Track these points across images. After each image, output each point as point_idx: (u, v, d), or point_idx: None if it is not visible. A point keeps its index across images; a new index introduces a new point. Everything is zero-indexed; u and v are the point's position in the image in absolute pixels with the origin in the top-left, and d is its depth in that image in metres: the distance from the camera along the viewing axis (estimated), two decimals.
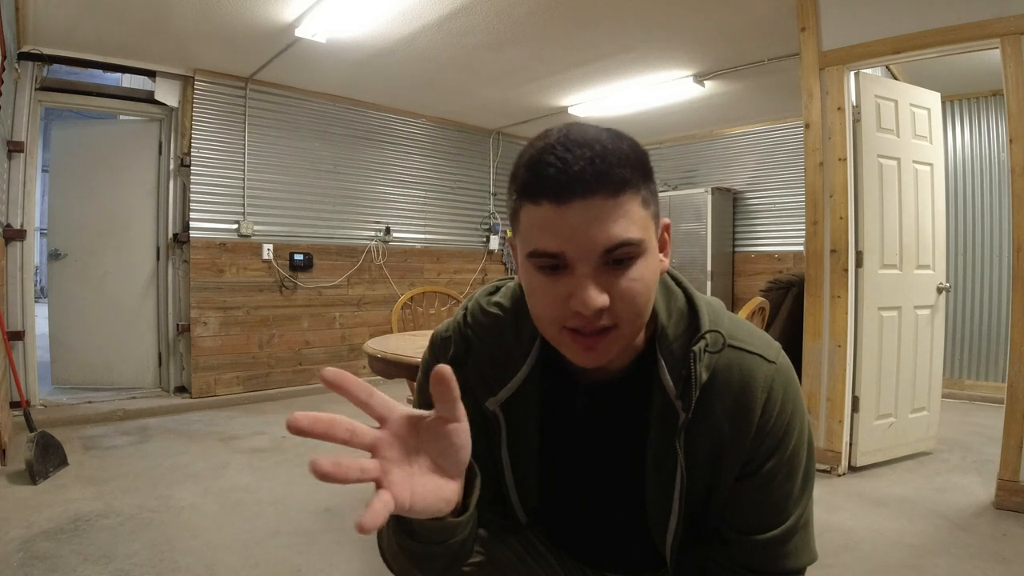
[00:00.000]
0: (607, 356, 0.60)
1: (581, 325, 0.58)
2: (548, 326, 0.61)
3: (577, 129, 0.57)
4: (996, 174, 4.11)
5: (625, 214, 0.55)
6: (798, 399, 0.68)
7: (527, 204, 0.57)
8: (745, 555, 0.67)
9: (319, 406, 4.10)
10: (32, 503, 2.24)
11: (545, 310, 0.59)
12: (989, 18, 2.30)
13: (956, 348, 4.23)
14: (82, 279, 3.96)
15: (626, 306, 0.57)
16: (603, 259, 0.56)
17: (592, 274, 0.56)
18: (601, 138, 0.56)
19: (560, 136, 0.57)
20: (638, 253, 0.57)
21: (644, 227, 0.57)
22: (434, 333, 0.78)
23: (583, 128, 0.57)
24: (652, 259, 0.59)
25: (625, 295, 0.57)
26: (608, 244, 0.55)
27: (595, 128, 0.58)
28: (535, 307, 0.61)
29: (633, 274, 0.57)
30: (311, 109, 4.49)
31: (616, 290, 0.57)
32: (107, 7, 3.01)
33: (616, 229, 0.55)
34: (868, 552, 1.96)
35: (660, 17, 3.11)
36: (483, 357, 0.72)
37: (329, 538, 2.05)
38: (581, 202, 0.54)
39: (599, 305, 0.55)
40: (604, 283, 0.56)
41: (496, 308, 0.73)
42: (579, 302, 0.56)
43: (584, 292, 0.55)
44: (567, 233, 0.55)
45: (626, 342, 0.61)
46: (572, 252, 0.56)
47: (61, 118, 5.97)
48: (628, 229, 0.56)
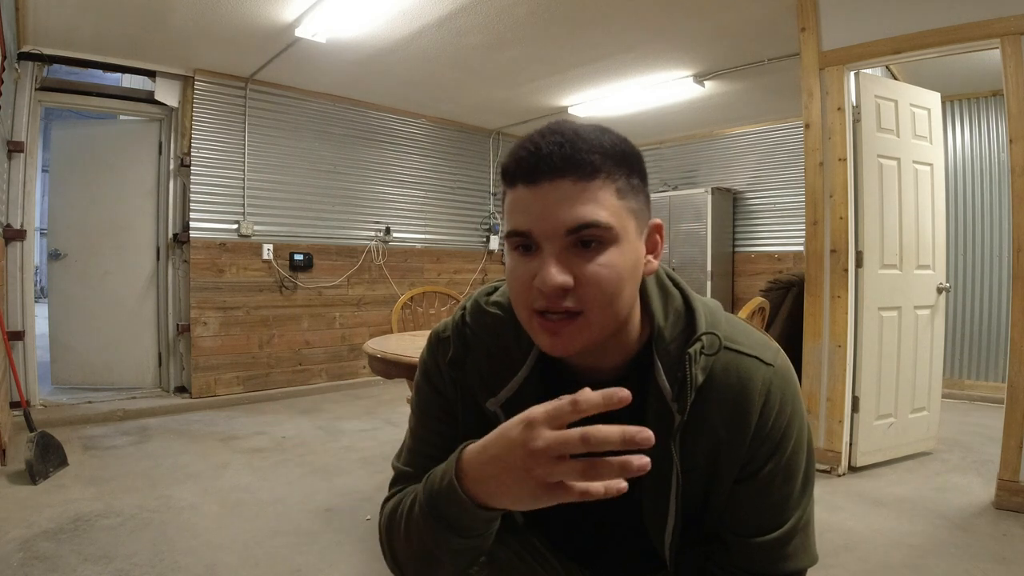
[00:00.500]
0: (573, 344, 0.60)
1: (546, 306, 0.58)
2: (521, 309, 0.62)
3: (559, 122, 0.60)
4: (996, 174, 4.11)
5: (594, 199, 0.57)
6: (797, 401, 0.67)
7: (508, 190, 0.60)
8: (745, 557, 0.67)
9: (319, 406, 4.12)
10: (32, 503, 2.24)
11: (517, 291, 0.61)
12: (989, 18, 2.30)
13: (956, 348, 4.23)
14: (82, 279, 3.96)
15: (591, 291, 0.57)
16: (569, 240, 0.57)
17: (556, 253, 0.57)
18: (580, 129, 0.58)
19: (543, 127, 0.59)
20: (607, 239, 0.57)
21: (616, 215, 0.58)
22: (432, 332, 0.78)
23: (567, 122, 0.60)
24: (628, 250, 0.59)
25: (591, 279, 0.57)
26: (572, 224, 0.56)
27: (581, 123, 0.60)
28: (510, 290, 0.63)
29: (601, 260, 0.57)
30: (311, 109, 4.49)
31: (582, 273, 0.57)
32: (107, 7, 3.01)
33: (582, 211, 0.56)
34: (868, 552, 1.96)
35: (660, 17, 3.11)
36: (482, 357, 0.72)
37: (329, 538, 2.05)
38: (549, 184, 0.56)
39: (557, 283, 0.56)
40: (570, 265, 0.57)
41: (495, 308, 0.73)
42: (540, 280, 0.57)
43: (545, 269, 0.57)
44: (536, 212, 0.57)
45: (595, 333, 0.60)
46: (538, 230, 0.57)
47: (61, 118, 5.98)
48: (595, 212, 0.56)
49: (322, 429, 3.47)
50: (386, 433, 3.40)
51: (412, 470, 0.74)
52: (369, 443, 3.20)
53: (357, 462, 2.88)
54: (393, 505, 0.69)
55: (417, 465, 0.74)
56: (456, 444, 0.73)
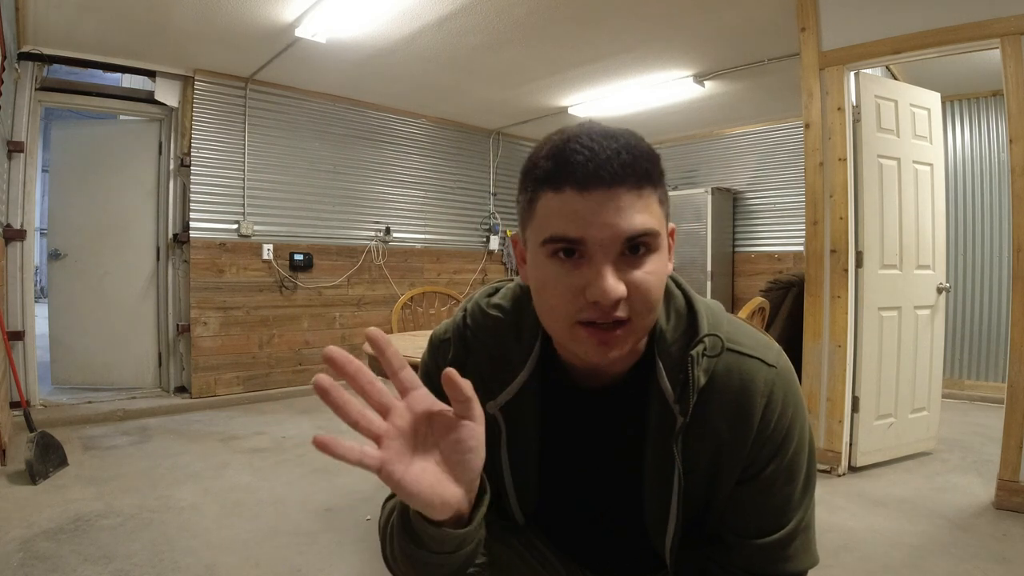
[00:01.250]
0: (621, 351, 0.59)
1: (597, 316, 0.57)
2: (561, 319, 0.59)
3: (597, 124, 0.58)
4: (996, 174, 4.11)
5: (647, 207, 0.57)
6: (799, 403, 0.67)
7: (547, 193, 0.57)
8: (746, 558, 0.67)
9: (319, 406, 4.08)
10: (32, 503, 2.24)
11: (559, 301, 0.58)
12: (989, 18, 2.30)
13: (956, 348, 4.23)
14: (82, 279, 3.96)
15: (641, 298, 0.57)
16: (623, 248, 0.56)
17: (612, 262, 0.56)
18: (622, 134, 0.57)
19: (582, 130, 0.57)
20: (656, 246, 0.58)
21: (661, 223, 0.59)
22: (432, 334, 0.78)
23: (603, 124, 0.58)
24: (664, 256, 0.60)
25: (641, 287, 0.57)
26: (632, 232, 0.55)
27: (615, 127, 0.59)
28: (548, 299, 0.59)
29: (649, 267, 0.57)
30: (311, 109, 4.49)
31: (632, 281, 0.56)
32: (107, 7, 3.01)
33: (639, 219, 0.56)
34: (868, 552, 1.96)
35: (660, 17, 3.11)
36: (483, 359, 0.72)
37: (329, 538, 2.05)
38: (606, 191, 0.55)
39: (619, 294, 0.55)
40: (621, 273, 0.56)
41: (496, 310, 0.72)
42: (598, 290, 0.55)
43: (604, 280, 0.55)
44: (590, 219, 0.55)
45: (638, 338, 0.61)
46: (593, 239, 0.55)
47: (61, 118, 5.97)
48: (649, 221, 0.56)
49: (322, 429, 3.47)
50: None
51: None
52: (369, 443, 3.20)
53: None
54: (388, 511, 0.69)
55: None
56: None
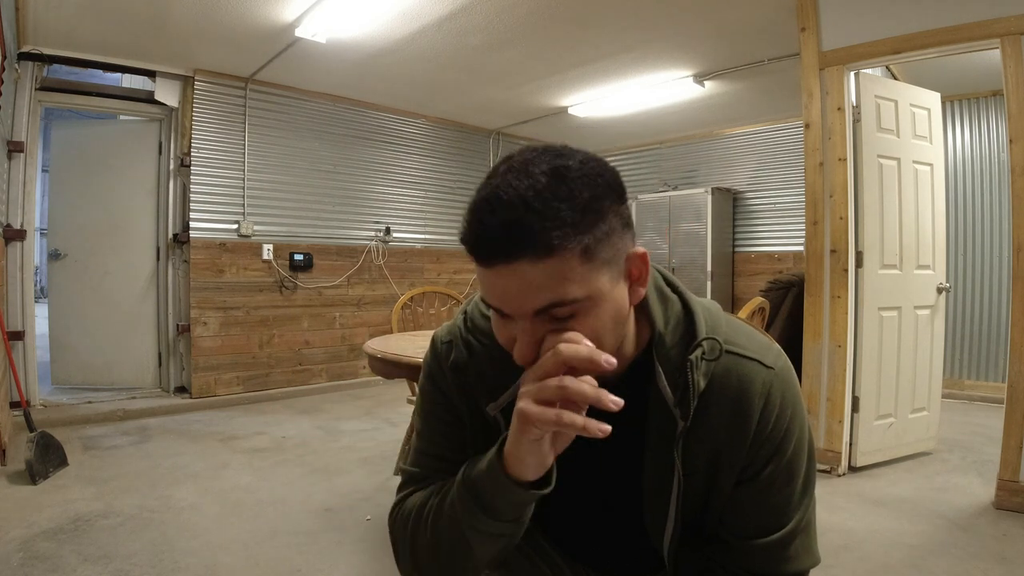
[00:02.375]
0: None
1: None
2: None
3: (513, 178, 0.53)
4: (996, 174, 4.11)
5: (557, 274, 0.52)
6: (797, 403, 0.67)
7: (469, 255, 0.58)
8: (747, 558, 0.67)
9: (319, 406, 4.11)
10: (32, 503, 2.24)
11: (504, 345, 0.61)
12: (989, 18, 2.30)
13: (956, 348, 4.23)
14: (82, 279, 3.96)
15: None
16: (539, 316, 0.55)
17: (529, 328, 0.56)
18: (531, 194, 0.51)
19: (489, 191, 0.53)
20: (579, 309, 0.55)
21: (585, 282, 0.53)
22: (435, 336, 0.78)
23: (520, 176, 0.53)
24: (608, 305, 0.57)
25: None
26: (537, 306, 0.54)
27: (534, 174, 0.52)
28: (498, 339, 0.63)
29: (578, 327, 0.55)
30: (311, 109, 4.49)
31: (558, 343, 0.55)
32: (107, 7, 3.01)
33: (546, 293, 0.53)
34: (868, 552, 1.96)
35: (660, 17, 3.11)
36: (484, 361, 0.72)
37: (329, 538, 2.05)
38: (505, 267, 0.53)
39: (530, 359, 0.56)
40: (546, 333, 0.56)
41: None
42: (516, 353, 0.57)
43: (519, 347, 0.57)
44: (499, 292, 0.56)
45: None
46: (507, 309, 0.57)
47: (61, 118, 5.98)
48: (562, 289, 0.53)
49: (322, 429, 3.47)
50: (386, 433, 3.41)
51: (420, 471, 0.75)
52: (369, 443, 3.20)
53: (357, 462, 2.88)
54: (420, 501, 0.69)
55: (424, 466, 0.75)
56: (462, 444, 0.74)
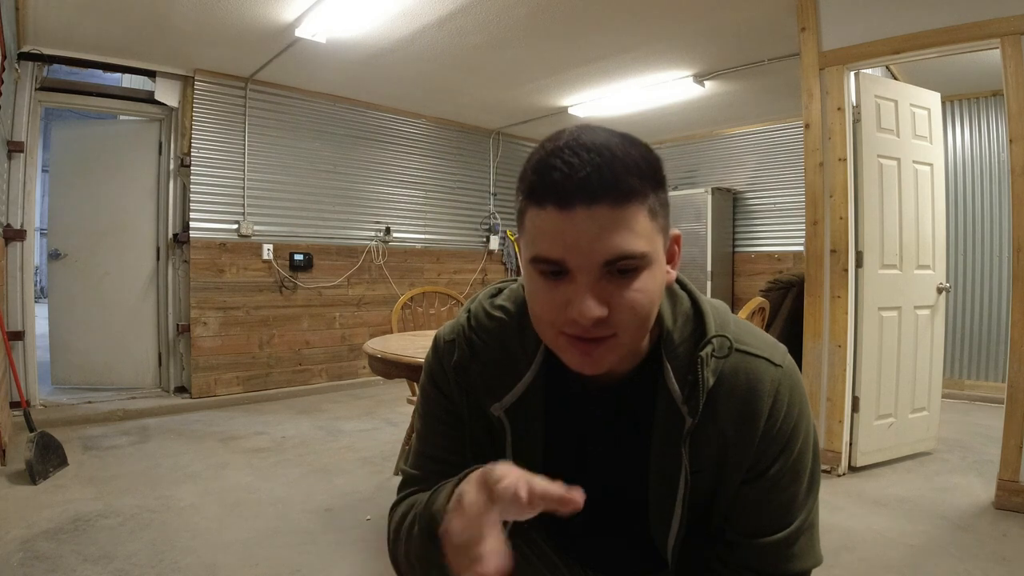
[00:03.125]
0: (604, 363, 0.59)
1: (580, 332, 0.57)
2: (546, 329, 0.60)
3: (588, 132, 0.56)
4: (996, 174, 4.11)
5: (630, 226, 0.54)
6: (804, 402, 0.68)
7: (532, 207, 0.56)
8: (751, 557, 0.67)
9: (319, 406, 4.10)
10: (32, 503, 2.24)
11: (544, 314, 0.59)
12: (989, 18, 2.30)
13: (956, 348, 4.23)
14: (82, 279, 3.96)
15: (626, 317, 0.56)
16: (604, 270, 0.55)
17: (592, 284, 0.55)
18: (611, 144, 0.55)
19: (569, 139, 0.55)
20: (642, 266, 0.56)
21: (650, 239, 0.56)
22: (437, 335, 0.77)
23: (594, 131, 0.56)
24: (658, 271, 0.58)
25: (626, 306, 0.56)
26: (609, 256, 0.54)
27: (607, 132, 0.56)
28: (534, 309, 0.60)
29: (636, 286, 0.56)
30: (311, 109, 4.48)
31: (617, 301, 0.56)
32: (107, 7, 3.01)
33: (619, 241, 0.54)
34: (868, 552, 1.96)
35: (660, 17, 3.11)
36: (487, 361, 0.72)
37: (329, 538, 2.05)
38: (585, 210, 0.53)
39: (597, 315, 0.55)
40: (605, 293, 0.55)
41: (500, 312, 0.72)
42: (576, 311, 0.55)
43: (581, 303, 0.55)
44: (570, 241, 0.54)
45: (625, 351, 0.60)
46: (573, 261, 0.55)
47: (61, 118, 5.98)
48: (632, 242, 0.54)
49: (322, 429, 3.47)
50: (386, 433, 3.40)
51: (419, 473, 0.75)
52: (369, 443, 3.20)
53: (357, 462, 2.88)
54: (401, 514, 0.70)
55: (424, 468, 0.75)
56: (461, 446, 0.74)
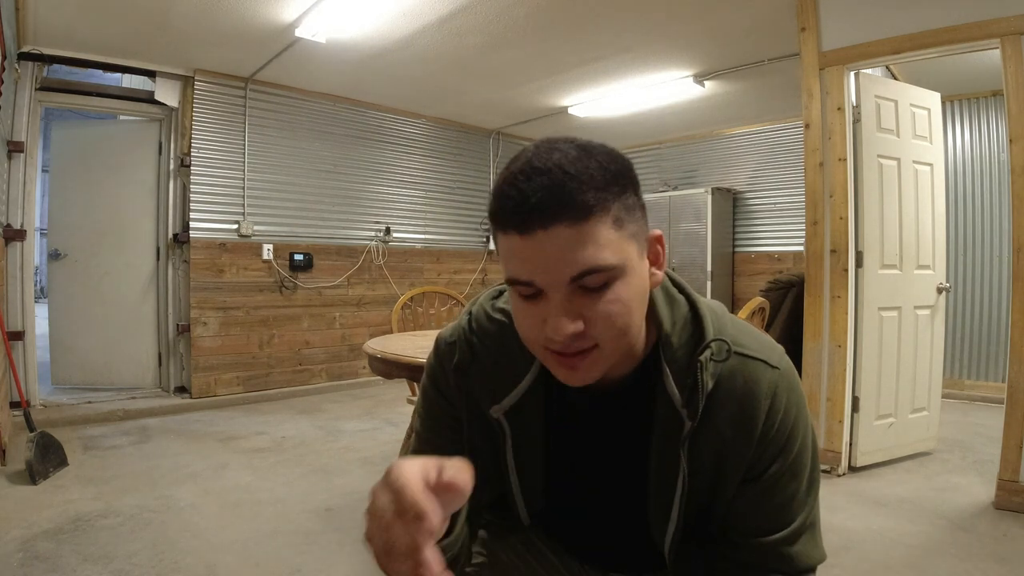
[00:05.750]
0: (591, 375, 0.60)
1: (560, 348, 0.58)
2: (533, 346, 0.62)
3: (542, 154, 0.56)
4: (996, 174, 4.11)
5: (592, 240, 0.54)
6: (801, 403, 0.68)
7: (498, 232, 0.58)
8: (753, 557, 0.67)
9: (319, 406, 4.10)
10: (32, 503, 2.24)
11: (527, 333, 0.60)
12: (989, 18, 2.30)
13: (956, 348, 4.23)
14: (82, 279, 3.95)
15: (604, 329, 0.57)
16: (573, 286, 0.56)
17: (563, 302, 0.56)
18: (564, 162, 0.54)
19: (523, 164, 0.56)
20: (612, 277, 0.56)
21: (617, 249, 0.56)
22: (439, 337, 0.78)
23: (549, 151, 0.56)
24: (634, 278, 0.58)
25: (600, 319, 0.57)
26: (575, 272, 0.55)
27: (564, 148, 0.56)
28: (519, 328, 0.62)
29: (609, 297, 0.56)
30: (311, 109, 4.48)
31: (591, 315, 0.56)
32: (107, 7, 3.01)
33: (582, 256, 0.54)
34: (868, 552, 1.96)
35: (660, 17, 3.11)
36: (487, 364, 0.72)
37: (329, 538, 2.05)
38: (543, 232, 0.54)
39: (569, 332, 0.56)
40: (579, 307, 0.56)
41: (501, 314, 0.73)
42: (551, 329, 0.56)
43: (555, 320, 0.56)
44: (535, 262, 0.55)
45: (610, 360, 0.61)
46: (541, 280, 0.56)
47: (61, 118, 5.98)
48: (596, 255, 0.54)
49: (322, 429, 3.47)
50: (386, 433, 3.41)
51: None
52: (369, 443, 3.20)
53: (357, 462, 2.88)
54: None
55: None
56: (461, 449, 0.74)
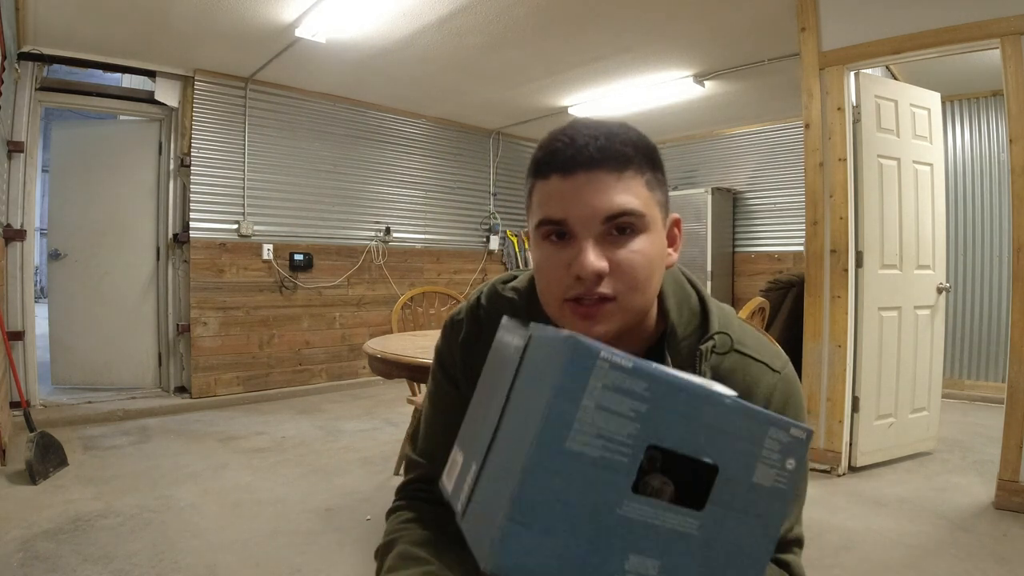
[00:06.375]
0: (608, 329, 0.61)
1: (581, 293, 0.60)
2: (552, 299, 0.63)
3: (588, 118, 0.63)
4: (996, 174, 4.11)
5: (627, 188, 0.59)
6: (800, 409, 0.69)
7: (539, 181, 0.62)
8: None
9: (319, 406, 4.11)
10: (32, 503, 2.24)
11: (549, 280, 0.62)
12: (989, 18, 2.30)
13: (956, 348, 4.23)
14: (82, 279, 3.96)
15: (625, 276, 0.60)
16: (605, 227, 0.59)
17: (593, 239, 0.59)
18: (608, 124, 0.62)
19: (572, 122, 0.62)
20: (640, 226, 0.60)
21: (647, 204, 0.61)
22: (447, 318, 0.80)
23: (594, 118, 0.63)
24: (656, 239, 0.62)
25: (624, 265, 0.59)
26: (609, 211, 0.59)
27: (607, 119, 0.63)
28: (541, 280, 0.64)
29: (634, 246, 0.60)
30: (311, 109, 4.48)
31: (616, 259, 0.59)
32: (107, 7, 3.01)
33: (618, 199, 0.59)
34: (868, 552, 1.96)
35: (660, 17, 3.11)
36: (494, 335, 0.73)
37: (329, 538, 2.05)
38: (585, 174, 0.59)
39: (597, 268, 0.58)
40: (605, 251, 0.59)
41: (512, 292, 0.75)
42: (579, 265, 0.58)
43: (584, 256, 0.58)
44: (571, 200, 0.59)
45: (625, 318, 0.62)
46: (575, 218, 0.59)
47: (61, 118, 5.98)
48: (630, 201, 0.59)
49: (322, 429, 3.47)
50: (386, 433, 3.41)
51: (424, 460, 0.77)
52: (369, 443, 3.20)
53: (357, 462, 2.88)
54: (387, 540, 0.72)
55: (428, 453, 0.77)
56: None
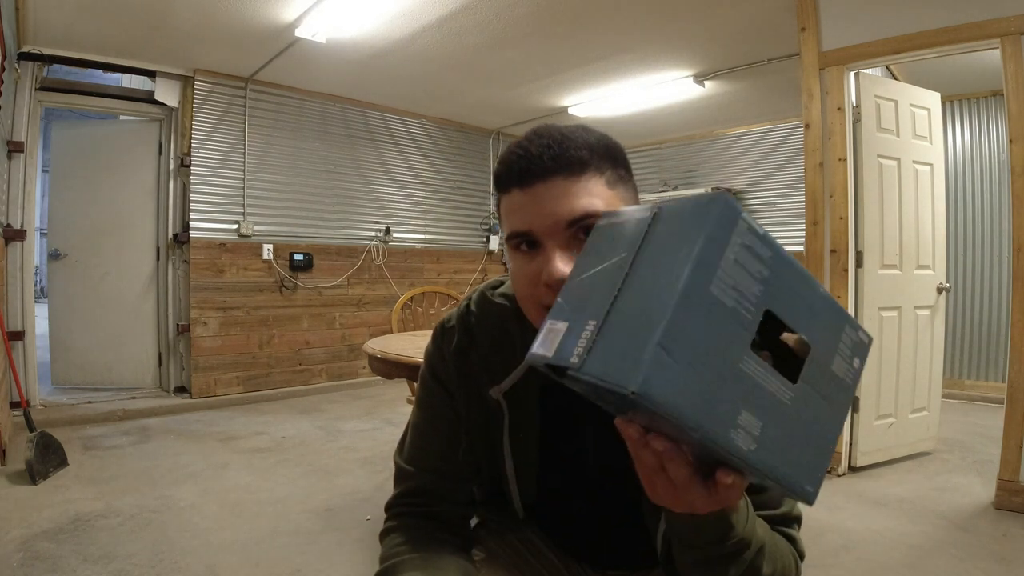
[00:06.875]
0: None
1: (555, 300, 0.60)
2: (530, 308, 0.64)
3: (543, 126, 0.63)
4: (996, 174, 4.11)
5: (587, 191, 0.59)
6: None
7: (502, 195, 0.63)
8: None
9: (319, 406, 4.10)
10: (32, 503, 2.24)
11: (524, 289, 0.63)
12: (989, 18, 2.30)
13: (956, 348, 4.23)
14: (82, 279, 3.96)
15: None
16: (570, 232, 0.59)
17: (559, 247, 0.59)
18: (564, 130, 0.61)
19: (528, 134, 0.63)
20: None
21: (611, 203, 0.60)
22: (437, 324, 0.79)
23: (550, 125, 0.63)
24: None
25: None
26: (571, 216, 0.58)
27: (564, 125, 0.63)
28: (518, 290, 0.65)
29: None
30: (311, 109, 4.49)
31: None
32: (107, 7, 3.01)
33: (578, 203, 0.58)
34: (868, 552, 1.96)
35: (660, 17, 3.11)
36: (487, 345, 0.73)
37: (329, 538, 2.05)
38: (542, 183, 0.59)
39: (563, 274, 0.57)
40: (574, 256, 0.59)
41: (501, 299, 0.74)
42: (546, 274, 0.59)
43: (551, 264, 0.58)
44: (532, 211, 0.60)
45: None
46: (538, 228, 0.60)
47: (61, 118, 5.97)
48: (590, 204, 0.59)
49: (322, 429, 3.47)
50: (386, 433, 3.41)
51: (413, 469, 0.76)
52: (369, 443, 3.20)
53: (357, 462, 2.88)
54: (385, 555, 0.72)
55: (417, 462, 0.76)
56: (457, 441, 0.74)
